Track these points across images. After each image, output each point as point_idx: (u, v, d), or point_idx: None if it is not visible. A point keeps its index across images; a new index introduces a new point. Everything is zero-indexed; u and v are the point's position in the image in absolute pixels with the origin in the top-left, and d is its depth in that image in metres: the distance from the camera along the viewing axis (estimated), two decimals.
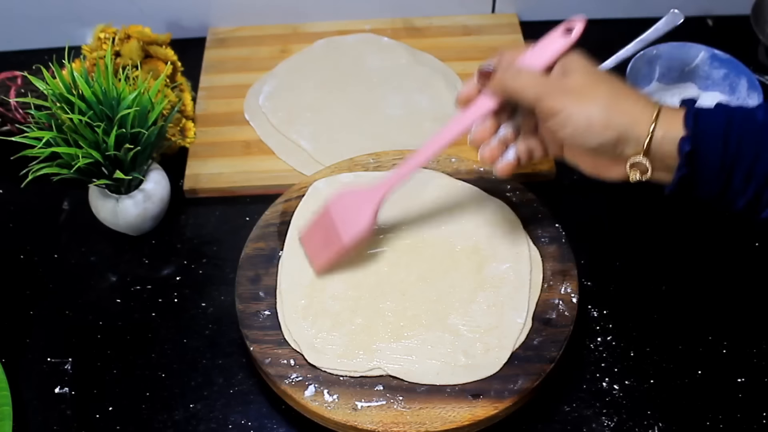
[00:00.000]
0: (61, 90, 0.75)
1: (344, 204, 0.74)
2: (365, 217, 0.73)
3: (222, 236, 0.86)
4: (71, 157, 0.75)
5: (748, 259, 0.82)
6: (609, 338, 0.77)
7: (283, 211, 0.82)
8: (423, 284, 0.75)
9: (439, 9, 1.07)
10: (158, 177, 0.83)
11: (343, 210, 0.74)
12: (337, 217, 0.74)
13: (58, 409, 0.74)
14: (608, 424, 0.71)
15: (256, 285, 0.76)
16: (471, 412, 0.67)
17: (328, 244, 0.74)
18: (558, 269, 0.76)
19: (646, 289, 0.80)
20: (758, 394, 0.73)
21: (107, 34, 0.90)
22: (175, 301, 0.81)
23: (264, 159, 0.91)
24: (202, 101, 0.97)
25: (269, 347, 0.72)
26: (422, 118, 0.94)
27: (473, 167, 0.84)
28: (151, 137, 0.79)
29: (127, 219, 0.81)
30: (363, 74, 0.99)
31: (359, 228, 0.73)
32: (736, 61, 0.90)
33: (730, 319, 0.78)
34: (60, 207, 0.89)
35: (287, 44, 1.04)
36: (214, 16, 1.06)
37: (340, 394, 0.68)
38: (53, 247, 0.86)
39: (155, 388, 0.75)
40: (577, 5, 1.06)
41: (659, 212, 0.86)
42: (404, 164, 0.72)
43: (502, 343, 0.70)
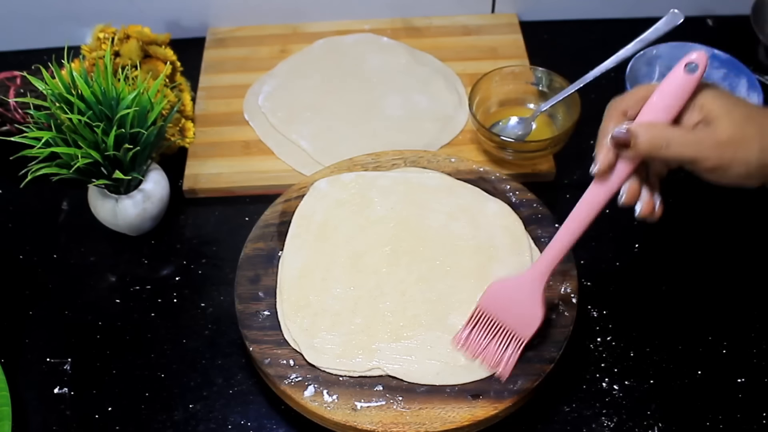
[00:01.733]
0: (60, 90, 0.75)
1: (503, 300, 0.69)
2: (537, 309, 0.68)
3: (221, 236, 0.86)
4: (70, 157, 0.75)
5: (748, 259, 0.82)
6: (609, 338, 0.77)
7: (282, 211, 0.81)
8: (423, 284, 0.75)
9: (439, 9, 1.07)
10: (157, 177, 0.83)
11: (505, 307, 0.69)
12: (502, 316, 0.69)
13: (58, 410, 0.74)
14: (608, 424, 0.71)
15: (256, 285, 0.76)
16: (471, 412, 0.67)
17: (503, 345, 0.69)
18: (558, 269, 0.75)
19: (646, 289, 0.80)
20: (758, 394, 0.73)
21: (106, 34, 0.90)
22: (174, 301, 0.81)
23: (263, 159, 0.91)
24: (202, 101, 0.97)
25: (269, 347, 0.71)
26: (422, 118, 0.94)
27: (473, 167, 0.84)
28: (151, 137, 0.78)
29: (126, 219, 0.81)
30: (363, 74, 0.99)
31: (536, 321, 0.68)
32: (736, 61, 0.90)
33: (730, 319, 0.78)
34: (59, 207, 0.89)
35: (287, 44, 1.04)
36: (213, 16, 1.06)
37: (339, 395, 0.68)
38: (52, 248, 0.86)
39: (154, 389, 0.75)
40: (577, 5, 1.06)
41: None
42: (554, 245, 0.67)
43: None
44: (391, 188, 0.82)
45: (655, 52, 0.92)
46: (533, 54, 1.01)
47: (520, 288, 0.68)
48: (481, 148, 0.91)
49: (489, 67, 0.91)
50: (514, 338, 0.68)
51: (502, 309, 0.69)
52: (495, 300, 0.69)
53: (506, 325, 0.69)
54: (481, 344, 0.69)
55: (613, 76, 0.90)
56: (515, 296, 0.68)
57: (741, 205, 0.86)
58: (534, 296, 0.68)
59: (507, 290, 0.69)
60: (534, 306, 0.68)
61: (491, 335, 0.69)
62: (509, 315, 0.69)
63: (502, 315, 0.69)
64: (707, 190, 0.87)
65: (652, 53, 0.91)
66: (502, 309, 0.69)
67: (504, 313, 0.69)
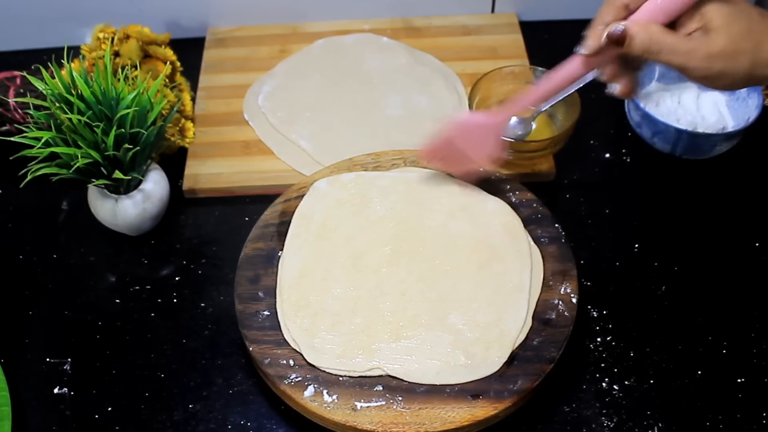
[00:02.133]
0: (60, 90, 0.75)
1: (466, 133, 0.78)
2: (492, 144, 0.77)
3: (221, 236, 0.86)
4: (70, 157, 0.75)
5: (748, 259, 0.82)
6: (609, 338, 0.77)
7: (282, 211, 0.81)
8: (423, 284, 0.75)
9: (439, 9, 1.07)
10: (157, 177, 0.83)
11: (467, 139, 0.78)
12: (462, 145, 0.78)
13: (57, 410, 0.73)
14: (608, 425, 0.71)
15: (256, 285, 0.76)
16: (470, 412, 0.67)
17: (459, 162, 0.79)
18: (558, 269, 0.76)
19: (646, 289, 0.80)
20: (758, 394, 0.73)
21: (106, 34, 0.90)
22: (174, 301, 0.81)
23: (263, 159, 0.91)
24: (202, 101, 0.97)
25: (268, 347, 0.71)
26: (422, 118, 0.94)
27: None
28: (150, 137, 0.78)
29: (126, 219, 0.81)
30: (362, 74, 0.99)
31: (489, 152, 0.78)
32: None
33: (730, 319, 0.78)
34: (59, 207, 0.89)
35: (286, 44, 1.04)
36: (213, 15, 1.06)
37: (339, 395, 0.68)
38: (52, 248, 0.86)
39: (154, 389, 0.75)
40: (577, 5, 1.06)
41: (659, 212, 0.86)
42: (520, 98, 0.74)
43: (503, 343, 0.70)
44: (390, 188, 0.82)
45: None
46: (533, 54, 1.01)
47: (485, 125, 0.77)
48: None
49: (489, 67, 0.91)
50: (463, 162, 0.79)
51: (466, 139, 0.77)
52: (461, 130, 0.78)
53: (466, 152, 0.78)
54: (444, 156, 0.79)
55: None
56: (477, 131, 0.77)
57: (741, 205, 0.86)
58: (495, 135, 0.77)
59: (472, 124, 0.78)
60: (493, 143, 0.77)
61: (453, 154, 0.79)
62: (470, 144, 0.77)
63: (464, 144, 0.78)
64: (707, 190, 0.87)
65: None
66: (466, 139, 0.77)
67: (466, 143, 0.77)
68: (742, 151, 0.90)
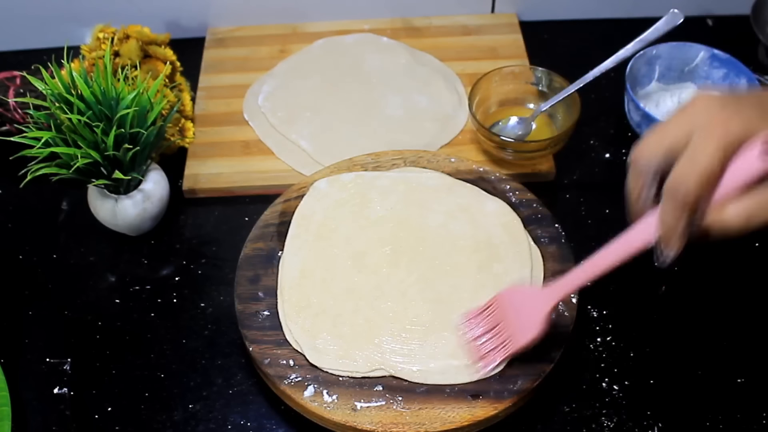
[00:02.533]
0: (59, 90, 0.75)
1: (516, 300, 0.69)
2: (539, 322, 0.67)
3: (221, 236, 0.86)
4: (70, 157, 0.75)
5: (748, 260, 0.82)
6: (609, 338, 0.77)
7: (282, 211, 0.81)
8: (423, 284, 0.75)
9: (439, 9, 1.06)
10: (157, 177, 0.83)
11: (515, 307, 0.68)
12: (510, 313, 0.69)
13: (57, 410, 0.73)
14: (608, 425, 0.71)
15: (256, 285, 0.76)
16: (470, 412, 0.67)
17: (498, 339, 0.69)
18: (558, 269, 0.75)
19: (646, 289, 0.80)
20: (758, 394, 0.73)
21: (106, 34, 0.90)
22: (174, 301, 0.81)
23: (263, 159, 0.91)
24: (201, 101, 0.97)
25: (268, 347, 0.71)
26: (422, 118, 0.94)
27: (473, 167, 0.84)
28: (150, 137, 0.78)
29: (126, 219, 0.81)
30: (362, 74, 0.99)
31: (534, 330, 0.67)
32: (735, 61, 0.90)
33: (730, 319, 0.78)
34: (59, 207, 0.89)
35: (286, 44, 1.04)
36: (213, 15, 1.06)
37: (339, 395, 0.68)
38: (52, 248, 0.85)
39: (154, 389, 0.75)
40: (577, 5, 1.06)
41: None
42: (580, 271, 0.67)
43: None
44: (390, 188, 0.82)
45: (655, 52, 0.92)
46: (533, 54, 1.01)
47: (533, 298, 0.68)
48: (481, 148, 0.91)
49: (489, 67, 0.91)
50: (508, 342, 0.68)
51: (511, 311, 0.68)
52: (508, 301, 0.69)
53: (507, 328, 0.69)
54: (478, 333, 0.69)
55: (613, 76, 0.90)
56: (526, 303, 0.68)
57: None
58: (542, 310, 0.67)
59: (521, 296, 0.69)
60: (538, 319, 0.67)
61: (491, 329, 0.69)
62: (514, 318, 0.68)
63: (509, 316, 0.69)
64: None
65: (652, 53, 0.91)
66: (511, 311, 0.68)
67: (510, 315, 0.68)
68: None
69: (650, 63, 0.92)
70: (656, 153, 0.57)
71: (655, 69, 0.93)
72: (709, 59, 0.92)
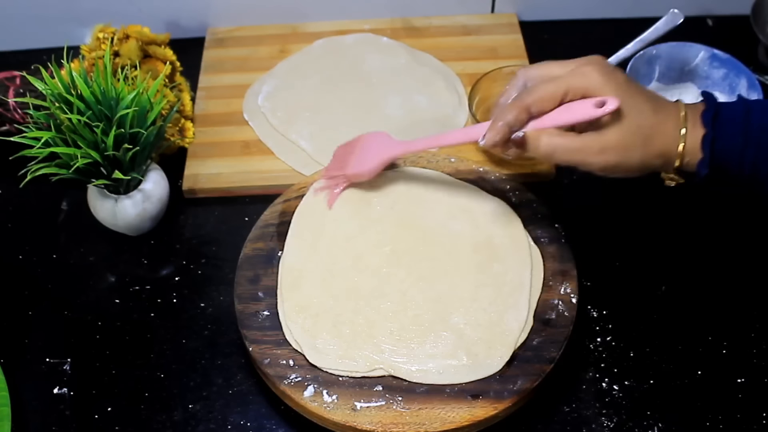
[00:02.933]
0: (59, 90, 0.75)
1: (372, 143, 0.81)
2: (373, 164, 0.80)
3: (221, 236, 0.86)
4: (70, 157, 0.75)
5: (748, 259, 0.82)
6: (609, 338, 0.77)
7: (282, 211, 0.81)
8: (423, 284, 0.75)
9: (439, 9, 1.06)
10: (157, 177, 0.83)
11: (367, 148, 0.81)
12: (360, 150, 0.82)
13: (57, 410, 0.73)
14: (608, 425, 0.71)
15: (255, 285, 0.76)
16: (470, 412, 0.67)
17: (341, 168, 0.82)
18: (558, 269, 0.75)
19: (646, 289, 0.80)
20: (758, 394, 0.73)
21: (106, 34, 0.90)
22: (174, 301, 0.81)
23: (263, 159, 0.91)
24: (201, 101, 0.97)
25: (268, 347, 0.71)
26: (421, 118, 0.94)
27: (473, 167, 0.84)
28: (150, 137, 0.78)
29: (125, 219, 0.81)
30: (362, 74, 0.99)
31: (363, 169, 0.80)
32: (735, 61, 0.90)
33: (730, 319, 0.78)
34: (59, 207, 0.89)
35: (286, 44, 1.04)
36: (213, 15, 1.06)
37: (339, 395, 0.68)
38: (52, 248, 0.85)
39: (154, 389, 0.75)
40: (577, 5, 1.06)
41: (659, 212, 0.86)
42: (426, 140, 0.77)
43: (504, 342, 0.70)
44: (390, 188, 0.82)
45: (655, 52, 0.92)
46: (533, 54, 1.01)
47: (382, 144, 0.80)
48: (481, 148, 0.90)
49: (489, 67, 0.91)
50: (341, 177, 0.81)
51: (360, 151, 0.81)
52: (364, 142, 0.82)
53: (349, 164, 0.81)
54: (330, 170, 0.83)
55: None
56: (374, 147, 0.81)
57: (741, 205, 0.86)
58: (382, 155, 0.79)
59: (375, 140, 0.81)
60: (375, 161, 0.80)
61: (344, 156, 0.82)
62: (358, 156, 0.81)
63: (361, 149, 0.82)
64: (707, 190, 0.87)
65: (652, 53, 0.91)
66: (360, 151, 0.81)
67: (357, 154, 0.81)
68: None
69: (650, 63, 0.92)
70: (531, 76, 0.71)
71: (655, 69, 0.93)
72: (709, 59, 0.92)
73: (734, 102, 0.66)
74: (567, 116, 0.66)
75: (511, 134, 0.67)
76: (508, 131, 0.67)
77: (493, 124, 0.67)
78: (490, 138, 0.67)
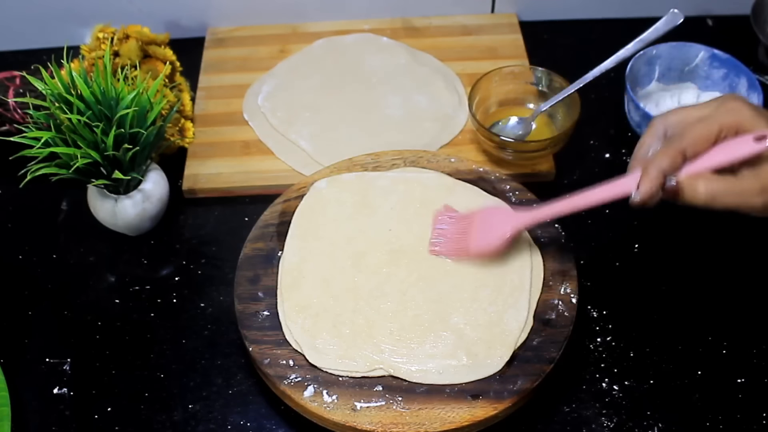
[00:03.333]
0: (59, 90, 0.75)
1: (487, 217, 0.76)
2: (498, 237, 0.74)
3: (221, 236, 0.86)
4: (70, 158, 0.75)
5: (748, 260, 0.82)
6: (609, 338, 0.77)
7: (282, 211, 0.81)
8: (423, 284, 0.75)
9: (439, 9, 1.06)
10: (157, 177, 0.83)
11: (484, 222, 0.76)
12: (478, 225, 0.76)
13: (57, 410, 0.73)
14: (608, 425, 0.71)
15: (255, 285, 0.76)
16: (470, 412, 0.67)
17: (458, 242, 0.76)
18: (558, 269, 0.75)
19: (646, 289, 0.80)
20: (758, 394, 0.73)
21: (106, 34, 0.90)
22: (173, 301, 0.81)
23: (263, 159, 0.91)
24: (201, 101, 0.97)
25: (268, 348, 0.71)
26: (422, 118, 0.94)
27: (473, 167, 0.84)
28: (150, 137, 0.78)
29: (125, 219, 0.81)
30: (362, 74, 0.99)
31: (489, 244, 0.74)
32: (735, 61, 0.90)
33: (730, 319, 0.78)
34: (58, 207, 0.89)
35: (286, 44, 1.04)
36: (213, 15, 1.06)
37: (339, 395, 0.68)
38: (52, 248, 0.85)
39: (154, 389, 0.75)
40: (577, 5, 1.06)
41: (659, 212, 0.86)
42: (557, 204, 0.72)
43: (504, 342, 0.70)
44: (390, 188, 0.82)
45: (655, 52, 0.92)
46: (533, 54, 1.01)
47: (504, 217, 0.75)
48: (481, 148, 0.91)
49: (489, 67, 0.91)
50: (461, 249, 0.76)
51: (480, 226, 0.76)
52: (481, 218, 0.76)
53: (467, 238, 0.75)
54: (444, 229, 0.77)
55: (613, 76, 0.90)
56: (495, 222, 0.75)
57: None
58: (506, 229, 0.74)
59: (494, 215, 0.76)
60: (498, 235, 0.74)
61: (454, 231, 0.77)
62: (478, 232, 0.75)
63: (475, 230, 0.76)
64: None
65: (652, 53, 0.91)
66: (480, 226, 0.76)
67: (476, 230, 0.76)
68: None
69: (650, 63, 0.92)
70: (671, 122, 0.66)
71: (655, 69, 0.93)
72: (709, 59, 0.92)
73: None
74: (725, 155, 0.62)
75: (666, 182, 0.63)
76: (663, 179, 0.62)
77: (646, 174, 0.62)
78: (646, 189, 0.62)
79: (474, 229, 0.76)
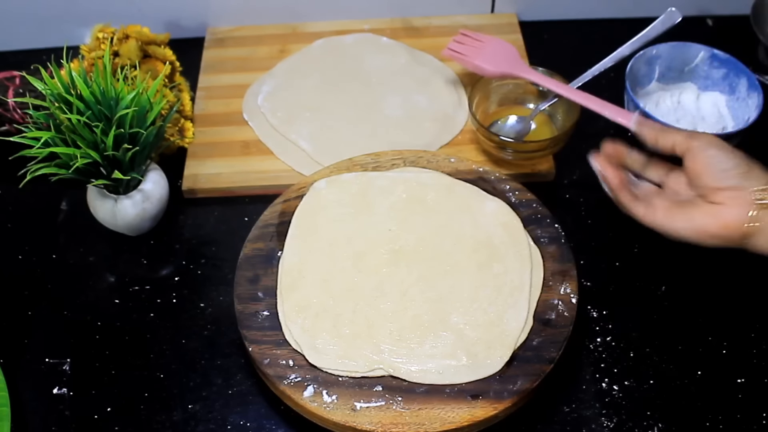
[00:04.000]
0: (59, 90, 0.75)
1: (501, 49, 0.92)
2: (499, 70, 0.90)
3: (221, 236, 0.86)
4: (69, 158, 0.75)
5: (748, 260, 0.82)
6: (609, 338, 0.77)
7: (282, 211, 0.81)
8: (423, 284, 0.75)
9: (439, 9, 1.06)
10: (157, 177, 0.83)
11: (497, 52, 0.92)
12: (492, 49, 0.92)
13: (57, 410, 0.73)
14: (608, 425, 0.71)
15: (255, 285, 0.76)
16: (470, 412, 0.67)
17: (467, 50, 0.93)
18: (558, 269, 0.75)
19: (646, 289, 0.80)
20: (758, 394, 0.73)
21: (106, 34, 0.90)
22: (173, 301, 0.81)
23: (263, 159, 0.91)
24: (201, 101, 0.97)
25: (268, 348, 0.71)
26: (421, 118, 0.94)
27: (473, 167, 0.84)
28: (150, 137, 0.78)
29: (125, 219, 0.81)
30: (362, 74, 0.99)
31: (489, 70, 0.90)
32: (735, 61, 0.90)
33: (730, 319, 0.78)
34: (58, 207, 0.89)
35: (286, 44, 1.04)
36: (212, 15, 1.06)
37: (339, 395, 0.68)
38: (51, 248, 0.85)
39: (154, 389, 0.75)
40: (577, 5, 1.06)
41: None
42: (563, 86, 0.86)
43: (504, 342, 0.70)
44: (390, 188, 0.82)
45: (655, 52, 0.91)
46: (533, 54, 1.01)
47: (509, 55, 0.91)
48: (481, 148, 0.91)
49: None
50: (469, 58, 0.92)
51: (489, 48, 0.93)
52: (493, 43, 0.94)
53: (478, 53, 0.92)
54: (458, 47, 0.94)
55: (613, 76, 0.90)
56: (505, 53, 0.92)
57: None
58: (509, 69, 0.90)
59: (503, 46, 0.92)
60: (507, 62, 0.91)
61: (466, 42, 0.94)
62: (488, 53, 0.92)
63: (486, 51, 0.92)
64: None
65: (651, 53, 0.91)
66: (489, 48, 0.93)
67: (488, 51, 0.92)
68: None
69: (650, 63, 0.92)
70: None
71: (654, 69, 0.93)
72: (709, 59, 0.92)
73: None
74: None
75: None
76: (652, 133, 0.75)
77: (648, 123, 0.77)
78: (644, 128, 0.76)
79: (486, 50, 0.91)
